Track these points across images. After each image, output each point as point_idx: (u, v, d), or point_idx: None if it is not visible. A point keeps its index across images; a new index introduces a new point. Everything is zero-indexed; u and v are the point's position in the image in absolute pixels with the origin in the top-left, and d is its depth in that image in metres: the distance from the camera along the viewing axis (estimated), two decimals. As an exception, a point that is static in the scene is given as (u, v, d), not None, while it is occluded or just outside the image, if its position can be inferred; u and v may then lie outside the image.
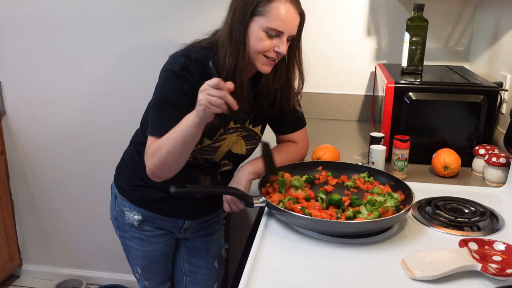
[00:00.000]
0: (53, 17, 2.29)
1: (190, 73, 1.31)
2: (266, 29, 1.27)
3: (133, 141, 1.60)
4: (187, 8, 2.21)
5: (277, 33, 1.28)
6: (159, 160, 1.28)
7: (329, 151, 1.61)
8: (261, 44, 1.28)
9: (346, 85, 2.23)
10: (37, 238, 2.71)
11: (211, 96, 1.15)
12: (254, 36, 1.29)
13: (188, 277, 1.76)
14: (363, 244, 1.15)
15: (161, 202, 1.53)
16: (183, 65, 1.31)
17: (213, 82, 1.15)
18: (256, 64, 1.33)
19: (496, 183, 1.52)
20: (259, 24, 1.28)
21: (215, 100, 1.15)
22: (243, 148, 1.50)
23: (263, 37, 1.28)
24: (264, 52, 1.30)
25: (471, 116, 1.63)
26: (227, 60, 1.30)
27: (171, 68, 1.32)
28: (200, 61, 1.32)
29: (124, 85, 2.36)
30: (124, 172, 1.59)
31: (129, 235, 1.60)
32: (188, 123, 1.22)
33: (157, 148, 1.28)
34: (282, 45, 1.29)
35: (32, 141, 2.52)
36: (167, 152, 1.26)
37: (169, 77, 1.32)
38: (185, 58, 1.33)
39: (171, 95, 1.31)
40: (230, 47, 1.30)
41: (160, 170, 1.31)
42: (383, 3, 2.11)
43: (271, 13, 1.26)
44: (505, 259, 1.07)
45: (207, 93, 1.15)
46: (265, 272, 1.04)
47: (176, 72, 1.30)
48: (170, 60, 1.36)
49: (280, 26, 1.27)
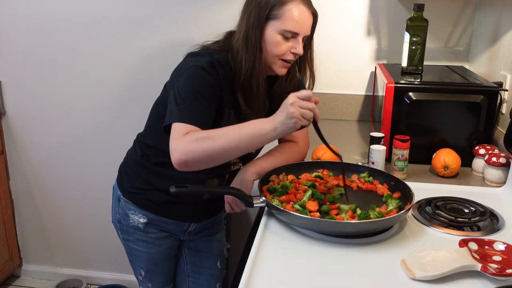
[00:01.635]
0: (53, 17, 2.29)
1: (216, 71, 1.31)
2: (282, 31, 1.29)
3: (137, 142, 1.58)
4: (187, 8, 2.21)
5: (292, 35, 1.30)
6: (204, 151, 1.18)
7: (329, 151, 1.61)
8: (278, 47, 1.30)
9: (346, 85, 2.23)
10: (37, 238, 2.71)
11: (303, 109, 1.13)
12: (271, 40, 1.30)
13: (190, 277, 1.76)
14: (363, 244, 1.15)
15: (167, 205, 1.53)
16: (210, 62, 1.31)
17: (304, 94, 1.14)
18: (273, 67, 1.35)
19: (496, 183, 1.52)
20: (274, 27, 1.29)
21: (308, 113, 1.14)
22: None
23: (279, 40, 1.30)
24: (282, 55, 1.31)
25: (471, 116, 1.63)
26: (244, 65, 1.31)
27: (199, 64, 1.31)
28: (222, 63, 1.33)
29: (125, 84, 2.35)
30: (128, 174, 1.58)
31: (133, 237, 1.59)
32: (261, 131, 1.17)
33: (207, 138, 1.18)
34: (299, 45, 1.31)
35: (32, 141, 2.52)
36: (221, 147, 1.18)
37: (198, 72, 1.30)
38: (210, 57, 1.33)
39: (202, 87, 1.28)
40: (246, 53, 1.31)
41: (195, 159, 1.19)
42: (383, 3, 2.11)
43: (286, 15, 1.28)
44: (505, 259, 1.07)
45: (300, 105, 1.13)
46: (265, 272, 1.04)
47: (205, 68, 1.30)
48: (194, 58, 1.35)
49: (295, 27, 1.29)
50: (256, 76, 1.32)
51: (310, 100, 1.15)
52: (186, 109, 1.24)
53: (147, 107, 1.55)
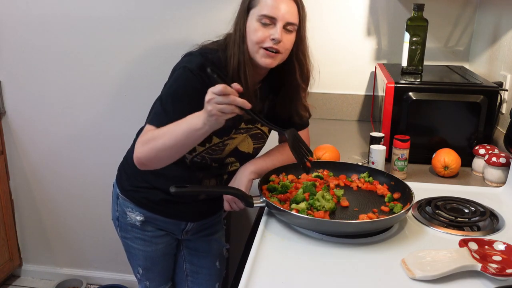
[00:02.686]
0: (53, 17, 2.29)
1: (206, 73, 1.30)
2: (259, 17, 1.28)
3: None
4: (188, 7, 2.21)
5: (270, 20, 1.28)
6: (151, 150, 1.25)
7: (329, 151, 1.61)
8: (256, 34, 1.29)
9: (346, 85, 2.23)
10: (37, 238, 2.71)
11: (219, 104, 1.13)
12: (250, 28, 1.30)
13: (189, 277, 1.76)
14: (363, 244, 1.15)
15: (163, 204, 1.53)
16: (200, 64, 1.31)
17: (217, 89, 1.12)
18: (256, 58, 1.32)
19: (496, 183, 1.52)
20: (253, 15, 1.30)
21: (225, 107, 1.13)
22: (250, 146, 1.50)
23: (257, 27, 1.29)
24: (260, 42, 1.29)
25: (471, 116, 1.63)
26: (233, 59, 1.31)
27: (188, 65, 1.31)
28: (216, 63, 1.33)
29: (125, 84, 2.36)
30: (126, 173, 1.58)
31: (131, 235, 1.60)
32: (193, 126, 1.19)
33: (152, 137, 1.25)
34: (276, 31, 1.28)
35: (32, 141, 2.52)
36: (163, 145, 1.23)
37: (185, 73, 1.31)
38: (202, 58, 1.33)
39: (183, 91, 1.30)
40: (234, 46, 1.32)
41: (148, 160, 1.28)
42: (383, 3, 2.11)
43: (261, 1, 1.28)
44: (505, 259, 1.07)
45: (215, 101, 1.13)
46: (265, 272, 1.04)
47: (193, 70, 1.30)
48: (187, 58, 1.35)
49: (271, 11, 1.27)
50: (243, 68, 1.31)
51: (226, 93, 1.12)
52: (158, 112, 1.30)
53: (147, 106, 1.55)
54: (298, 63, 1.39)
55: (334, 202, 1.26)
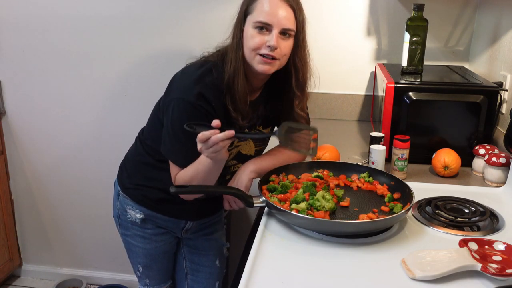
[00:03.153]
0: (53, 17, 2.29)
1: (206, 100, 1.30)
2: (255, 24, 1.28)
3: (138, 139, 1.59)
4: (189, 9, 2.21)
5: (265, 27, 1.27)
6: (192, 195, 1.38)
7: (329, 151, 1.61)
8: (252, 40, 1.29)
9: (346, 85, 2.23)
10: (37, 238, 2.71)
11: (209, 150, 1.19)
12: (246, 34, 1.30)
13: (189, 275, 1.76)
14: (363, 244, 1.15)
15: (162, 203, 1.54)
16: (198, 94, 1.30)
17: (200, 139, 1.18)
18: (252, 64, 1.31)
19: (496, 183, 1.52)
20: (250, 21, 1.30)
21: (215, 148, 1.18)
22: (252, 149, 1.50)
23: (253, 34, 1.29)
24: (257, 49, 1.29)
25: (471, 116, 1.63)
26: (230, 66, 1.31)
27: (186, 98, 1.30)
28: (215, 84, 1.32)
29: (126, 84, 2.36)
30: (127, 170, 1.59)
31: (131, 232, 1.61)
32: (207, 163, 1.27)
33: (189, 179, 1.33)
34: (272, 37, 1.27)
35: (32, 141, 2.52)
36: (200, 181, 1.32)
37: (185, 107, 1.30)
38: (199, 86, 1.31)
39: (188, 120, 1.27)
40: (231, 52, 1.32)
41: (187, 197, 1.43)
42: (383, 3, 2.11)
43: (257, 7, 1.28)
44: (505, 259, 1.07)
45: (204, 148, 1.20)
46: (265, 272, 1.04)
47: (192, 102, 1.29)
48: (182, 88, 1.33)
49: (265, 17, 1.27)
50: (238, 74, 1.31)
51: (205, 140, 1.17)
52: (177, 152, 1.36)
53: (147, 106, 1.56)
54: (294, 69, 1.38)
55: (335, 202, 1.26)
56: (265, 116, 1.47)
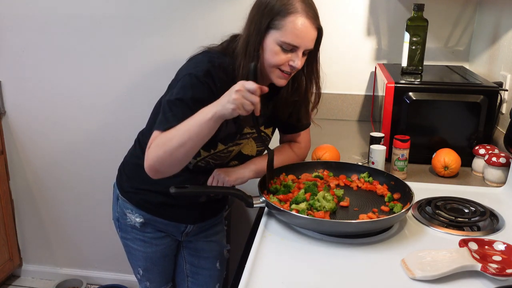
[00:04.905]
0: (53, 17, 2.29)
1: (213, 79, 1.29)
2: (281, 43, 1.26)
3: (138, 141, 1.58)
4: (192, 8, 2.21)
5: (292, 48, 1.27)
6: (165, 152, 1.21)
7: (329, 151, 1.61)
8: (276, 57, 1.28)
9: (346, 85, 2.23)
10: (37, 238, 2.71)
11: (246, 99, 1.14)
12: (269, 49, 1.28)
13: (189, 278, 1.75)
14: (363, 244, 1.15)
15: (162, 207, 1.53)
16: (206, 71, 1.29)
17: (252, 87, 1.14)
18: (271, 77, 1.32)
19: (496, 183, 1.52)
20: (274, 37, 1.26)
21: (248, 105, 1.14)
22: (253, 149, 1.50)
23: (277, 51, 1.27)
24: (279, 65, 1.29)
25: (471, 116, 1.63)
26: (241, 70, 1.30)
27: (194, 72, 1.29)
28: (223, 68, 1.31)
29: (126, 84, 2.36)
30: (126, 174, 1.58)
31: (131, 236, 1.60)
32: (206, 115, 1.18)
33: (166, 139, 1.22)
34: (297, 59, 1.27)
35: (32, 141, 2.52)
36: (178, 143, 1.20)
37: (191, 81, 1.28)
38: (209, 63, 1.30)
39: (190, 99, 1.27)
40: (244, 59, 1.29)
41: (162, 164, 1.23)
42: (383, 3, 2.11)
43: (286, 27, 1.25)
44: (505, 259, 1.07)
45: (243, 95, 1.14)
46: (265, 272, 1.04)
47: (199, 77, 1.28)
48: (193, 64, 1.33)
49: (295, 40, 1.25)
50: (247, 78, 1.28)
51: (255, 94, 1.14)
52: (165, 117, 1.26)
53: (148, 107, 1.55)
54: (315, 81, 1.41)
55: (335, 202, 1.26)
56: (267, 116, 1.47)
